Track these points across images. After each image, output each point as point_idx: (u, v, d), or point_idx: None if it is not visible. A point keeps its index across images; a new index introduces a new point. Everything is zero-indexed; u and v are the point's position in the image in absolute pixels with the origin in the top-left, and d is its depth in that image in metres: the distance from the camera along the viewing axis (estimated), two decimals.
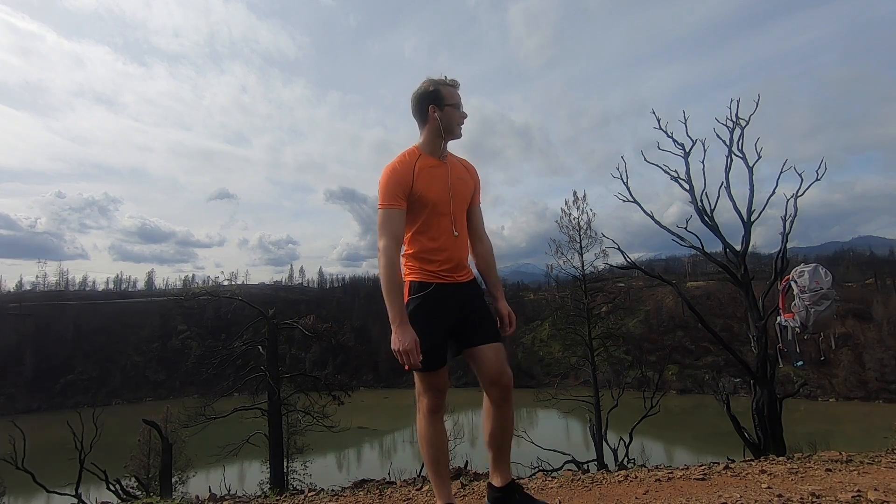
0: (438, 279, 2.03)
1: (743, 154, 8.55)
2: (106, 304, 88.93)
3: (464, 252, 2.13)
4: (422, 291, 2.01)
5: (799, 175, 8.01)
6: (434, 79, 2.09)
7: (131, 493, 13.75)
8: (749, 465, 3.31)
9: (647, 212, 9.48)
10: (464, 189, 2.13)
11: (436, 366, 2.01)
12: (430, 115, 2.05)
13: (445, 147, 2.11)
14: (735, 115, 8.51)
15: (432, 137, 2.07)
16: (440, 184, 2.05)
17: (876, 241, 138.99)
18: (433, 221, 2.04)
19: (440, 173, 2.06)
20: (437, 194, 2.02)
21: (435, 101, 2.05)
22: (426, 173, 2.03)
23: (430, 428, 2.06)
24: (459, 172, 2.14)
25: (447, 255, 2.04)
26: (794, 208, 7.94)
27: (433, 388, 2.04)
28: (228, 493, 5.96)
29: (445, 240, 2.04)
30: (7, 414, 40.15)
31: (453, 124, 2.06)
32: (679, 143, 8.95)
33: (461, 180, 2.12)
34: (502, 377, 2.01)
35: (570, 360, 41.41)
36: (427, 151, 2.09)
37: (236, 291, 20.67)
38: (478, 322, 2.06)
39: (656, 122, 9.11)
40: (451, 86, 2.08)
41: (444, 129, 2.05)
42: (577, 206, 19.55)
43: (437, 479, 2.08)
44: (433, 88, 2.06)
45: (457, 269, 2.07)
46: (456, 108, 2.06)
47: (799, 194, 7.94)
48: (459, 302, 2.06)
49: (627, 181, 9.36)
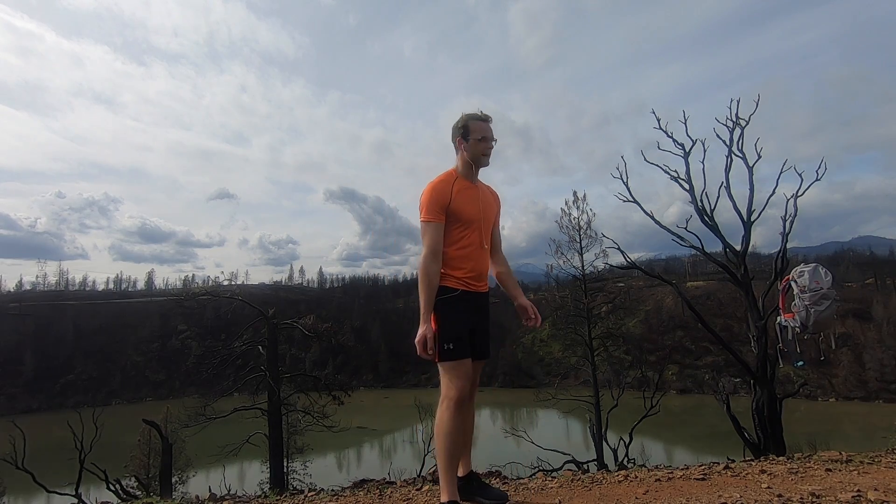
0: (463, 286, 2.30)
1: (743, 154, 8.55)
2: (106, 304, 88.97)
3: (486, 265, 2.43)
4: (448, 294, 2.27)
5: (799, 175, 8.01)
6: (468, 113, 2.39)
7: (131, 493, 13.75)
8: (749, 465, 3.31)
9: (647, 212, 9.48)
10: (490, 211, 2.46)
11: (463, 354, 2.21)
12: (458, 147, 2.39)
13: (476, 173, 2.43)
14: (735, 114, 8.50)
15: (463, 165, 2.41)
16: (474, 203, 2.37)
17: (876, 241, 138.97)
18: (465, 235, 2.34)
19: (473, 194, 2.39)
20: (471, 213, 2.34)
21: (463, 134, 2.37)
22: (462, 194, 2.34)
23: (454, 421, 2.15)
24: (487, 196, 2.47)
25: (473, 265, 2.33)
26: (794, 208, 7.93)
27: (465, 377, 2.20)
28: (228, 493, 5.96)
29: (473, 251, 2.33)
30: (7, 414, 40.11)
31: (478, 155, 2.37)
32: (679, 143, 8.94)
33: (488, 203, 2.45)
34: (474, 393, 2.37)
35: (570, 360, 41.37)
36: (462, 175, 2.41)
37: (236, 291, 20.70)
38: (481, 336, 2.37)
39: (656, 121, 9.09)
40: (482, 120, 2.38)
41: (471, 159, 2.38)
42: (577, 205, 19.55)
43: (450, 473, 2.15)
44: (462, 124, 2.38)
45: (479, 278, 2.36)
46: (483, 142, 2.35)
47: (799, 194, 7.93)
48: (477, 308, 2.35)
49: (627, 181, 9.35)
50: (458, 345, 2.18)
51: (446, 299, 2.25)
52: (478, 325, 2.34)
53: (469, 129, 2.36)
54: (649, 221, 9.38)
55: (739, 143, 8.54)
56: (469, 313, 2.29)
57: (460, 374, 2.18)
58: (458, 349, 2.18)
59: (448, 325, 2.20)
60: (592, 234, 19.11)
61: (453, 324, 2.20)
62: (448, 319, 2.21)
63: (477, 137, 2.35)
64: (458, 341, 2.18)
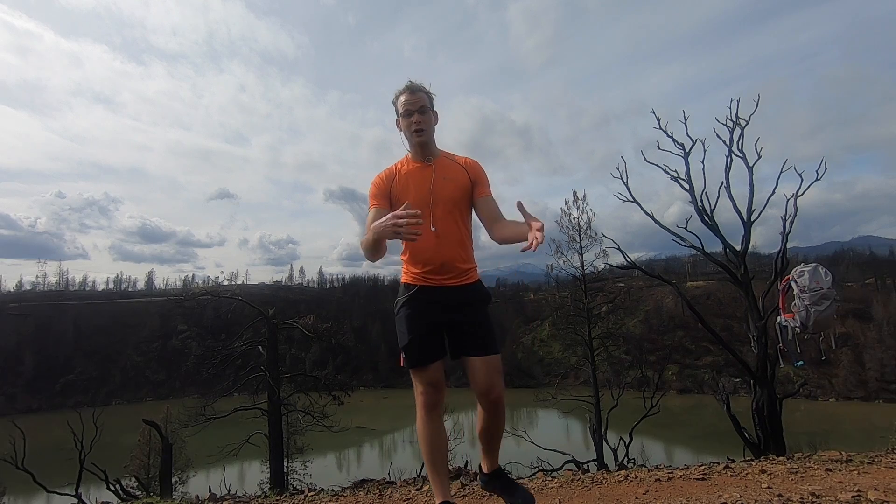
0: (422, 281, 2.09)
1: (743, 154, 8.56)
2: (106, 304, 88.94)
3: (450, 253, 2.07)
4: (407, 293, 2.11)
5: (799, 175, 8.03)
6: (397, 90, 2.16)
7: (131, 493, 13.74)
8: (749, 465, 3.31)
9: (647, 212, 9.50)
10: (450, 189, 2.10)
11: (421, 361, 2.04)
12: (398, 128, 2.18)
13: (420, 151, 2.14)
14: (735, 114, 8.52)
15: (408, 143, 2.17)
16: (420, 186, 2.09)
17: (876, 241, 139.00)
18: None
19: (420, 176, 2.11)
20: (413, 197, 2.05)
21: (396, 115, 2.16)
22: (406, 177, 2.12)
23: (425, 426, 2.08)
24: (448, 173, 2.12)
25: (428, 257, 2.06)
26: (794, 208, 7.95)
27: (424, 383, 2.05)
28: (228, 493, 5.96)
29: (424, 241, 2.00)
30: (7, 414, 40.15)
31: (408, 133, 2.12)
32: (679, 143, 8.96)
33: (447, 180, 2.10)
34: (490, 391, 2.03)
35: (570, 360, 41.41)
36: (411, 157, 2.18)
37: (236, 291, 20.73)
38: (472, 331, 2.06)
39: (656, 121, 9.12)
40: (400, 94, 2.12)
41: (407, 138, 2.14)
42: (577, 205, 19.51)
43: (433, 476, 2.11)
44: (393, 100, 2.16)
45: (441, 270, 2.07)
46: (404, 117, 2.10)
47: (799, 194, 7.95)
48: (446, 304, 2.06)
49: (627, 181, 9.37)
50: (409, 352, 2.04)
51: (404, 300, 2.11)
52: (464, 321, 2.06)
53: (396, 107, 2.14)
54: (649, 221, 9.41)
55: (739, 142, 8.56)
56: (433, 311, 2.06)
57: (419, 381, 2.07)
58: (409, 357, 2.04)
59: (400, 332, 2.08)
60: (592, 233, 19.09)
61: (405, 330, 2.06)
62: (400, 326, 2.09)
63: (400, 112, 2.12)
64: (408, 349, 2.04)
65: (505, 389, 2.12)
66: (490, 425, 2.14)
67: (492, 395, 2.04)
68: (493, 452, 2.27)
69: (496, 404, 2.08)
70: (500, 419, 2.15)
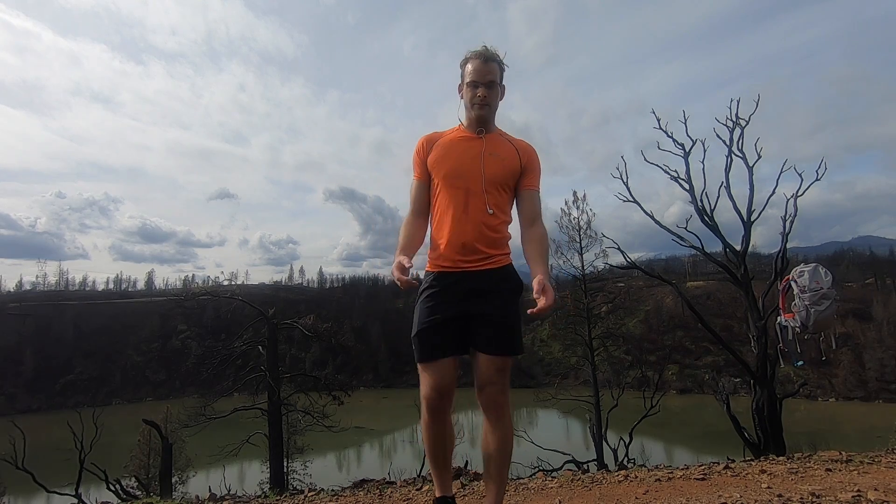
0: (440, 268, 1.89)
1: (743, 154, 8.56)
2: (106, 304, 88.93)
3: (475, 233, 1.84)
4: (426, 281, 1.92)
5: (799, 175, 8.04)
6: (470, 50, 1.95)
7: (131, 493, 13.73)
8: (749, 465, 3.31)
9: (647, 212, 9.50)
10: (497, 167, 1.88)
11: (426, 356, 1.83)
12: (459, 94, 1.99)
13: (477, 123, 1.93)
14: (735, 114, 8.52)
15: (464, 114, 1.98)
16: (461, 156, 1.89)
17: (876, 241, 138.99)
18: (443, 197, 1.90)
19: (466, 146, 1.91)
20: (450, 166, 1.88)
21: (461, 77, 1.96)
22: (448, 145, 1.93)
23: (426, 427, 1.92)
24: (498, 150, 1.91)
25: (450, 235, 1.85)
26: (794, 208, 7.95)
27: (427, 384, 1.83)
28: (228, 493, 5.95)
29: (451, 217, 1.85)
30: (7, 414, 40.11)
31: (468, 103, 1.92)
32: (679, 143, 8.97)
33: (495, 157, 1.89)
34: (485, 388, 1.82)
35: (570, 360, 41.46)
36: (465, 126, 1.98)
37: (236, 291, 20.73)
38: (488, 325, 1.81)
39: (656, 121, 9.13)
40: (468, 60, 1.92)
41: (466, 108, 1.96)
42: (576, 205, 19.55)
43: (434, 470, 2.02)
44: (461, 63, 1.96)
45: (464, 250, 1.84)
46: (470, 87, 1.90)
47: (799, 194, 7.96)
48: (466, 291, 1.83)
49: (627, 181, 9.38)
50: (417, 345, 1.84)
51: (421, 289, 1.90)
52: (483, 311, 1.81)
53: (462, 74, 1.94)
54: (649, 221, 9.41)
55: (739, 142, 8.56)
56: (449, 300, 1.83)
57: (424, 381, 1.84)
58: (417, 351, 1.85)
59: (415, 322, 1.86)
60: (592, 233, 19.13)
61: (415, 321, 1.86)
62: (416, 315, 1.87)
63: (466, 81, 1.91)
64: (415, 341, 1.85)
65: (510, 393, 1.88)
66: (487, 437, 1.87)
67: (487, 392, 1.81)
68: (490, 482, 1.91)
69: (489, 406, 1.83)
70: (497, 431, 1.84)
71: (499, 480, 1.89)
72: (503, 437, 1.85)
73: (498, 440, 1.85)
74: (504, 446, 1.86)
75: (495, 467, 1.87)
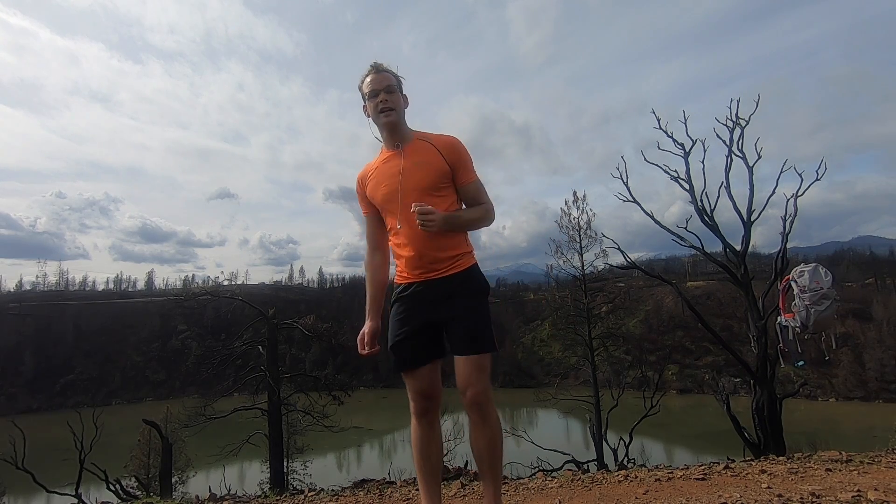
0: (404, 279, 1.97)
1: (743, 154, 8.56)
2: (106, 304, 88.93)
3: (426, 244, 1.87)
4: (395, 293, 2.01)
5: (799, 175, 8.03)
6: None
7: (131, 493, 13.73)
8: (749, 465, 3.31)
9: (647, 212, 9.50)
10: (420, 175, 1.89)
11: (403, 365, 1.94)
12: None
13: (390, 136, 1.96)
14: (735, 114, 8.52)
15: (378, 130, 2.00)
16: (387, 179, 1.93)
17: (876, 241, 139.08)
18: (387, 221, 1.99)
19: (390, 166, 1.94)
20: (382, 193, 1.94)
21: (363, 100, 2.00)
22: (376, 174, 1.98)
23: (414, 432, 1.99)
24: (419, 157, 1.91)
25: (405, 251, 1.92)
26: (794, 208, 7.95)
27: (412, 390, 1.94)
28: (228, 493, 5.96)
29: (400, 236, 1.93)
30: (7, 414, 40.08)
31: (375, 116, 1.95)
32: (679, 143, 8.97)
33: (417, 166, 1.90)
34: (466, 391, 1.84)
35: (570, 360, 41.42)
36: (384, 146, 2.01)
37: (236, 291, 20.72)
38: (457, 327, 1.87)
39: (656, 121, 9.13)
40: (363, 79, 1.97)
41: (376, 123, 1.97)
42: (576, 205, 19.53)
43: (421, 484, 1.98)
44: (358, 85, 1.99)
45: (419, 264, 1.90)
46: (371, 99, 1.93)
47: (799, 194, 7.95)
48: (432, 300, 1.90)
49: (627, 181, 9.38)
50: (393, 358, 1.96)
51: (392, 300, 2.02)
52: (452, 317, 1.87)
53: (361, 93, 1.98)
54: (649, 221, 9.40)
55: (739, 142, 8.56)
56: (418, 310, 1.92)
57: (409, 387, 1.95)
58: (394, 363, 1.96)
59: (389, 334, 1.97)
60: (592, 233, 19.10)
61: (391, 334, 1.97)
62: (389, 328, 1.99)
63: (366, 93, 1.95)
64: (392, 353, 1.96)
65: (492, 392, 1.90)
66: (475, 438, 1.89)
67: (468, 395, 1.83)
68: (486, 481, 1.92)
69: (473, 406, 1.84)
70: (485, 431, 1.86)
71: (493, 478, 1.90)
72: (490, 436, 1.88)
73: (486, 440, 1.88)
74: (492, 445, 1.88)
75: (488, 466, 1.90)
